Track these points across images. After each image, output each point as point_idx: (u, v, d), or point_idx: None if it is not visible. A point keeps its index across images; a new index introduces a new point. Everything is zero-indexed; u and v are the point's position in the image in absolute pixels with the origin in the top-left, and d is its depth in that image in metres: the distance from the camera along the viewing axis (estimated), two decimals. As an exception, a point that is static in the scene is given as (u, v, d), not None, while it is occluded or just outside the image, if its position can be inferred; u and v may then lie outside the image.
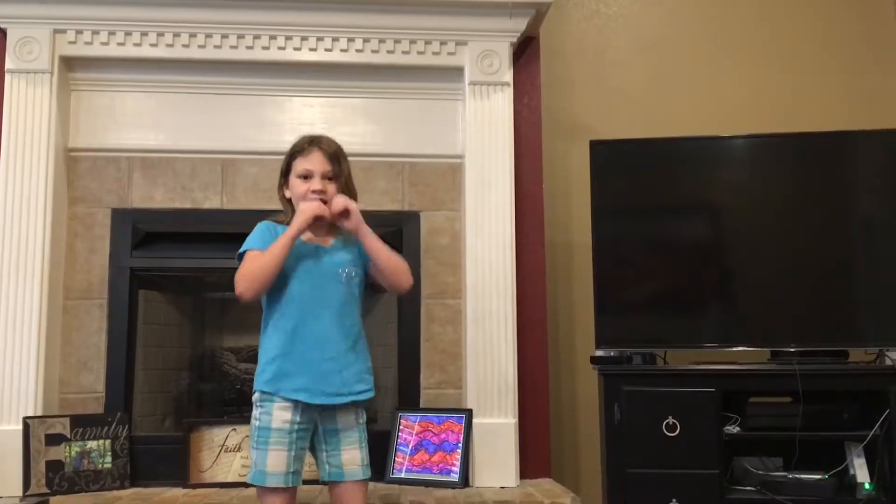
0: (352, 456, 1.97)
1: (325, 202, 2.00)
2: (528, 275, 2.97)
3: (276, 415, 1.92)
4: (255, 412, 1.96)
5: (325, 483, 2.01)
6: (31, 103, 2.81)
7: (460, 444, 2.76)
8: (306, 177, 2.02)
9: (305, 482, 2.05)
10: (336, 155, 2.05)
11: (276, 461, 1.90)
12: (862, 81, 3.55)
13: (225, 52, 2.91)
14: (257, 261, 1.93)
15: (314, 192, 2.00)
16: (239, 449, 2.78)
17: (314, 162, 2.03)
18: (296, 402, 1.92)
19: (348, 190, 2.06)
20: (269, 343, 1.98)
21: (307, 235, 2.01)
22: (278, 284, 1.96)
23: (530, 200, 3.02)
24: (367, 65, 2.97)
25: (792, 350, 2.84)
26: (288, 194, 2.07)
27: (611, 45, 3.55)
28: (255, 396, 1.97)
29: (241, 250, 1.98)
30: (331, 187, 2.03)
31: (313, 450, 2.01)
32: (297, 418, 1.93)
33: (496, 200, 2.92)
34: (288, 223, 1.99)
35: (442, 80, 3.03)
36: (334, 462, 1.97)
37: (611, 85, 3.50)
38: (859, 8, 3.60)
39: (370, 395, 2.02)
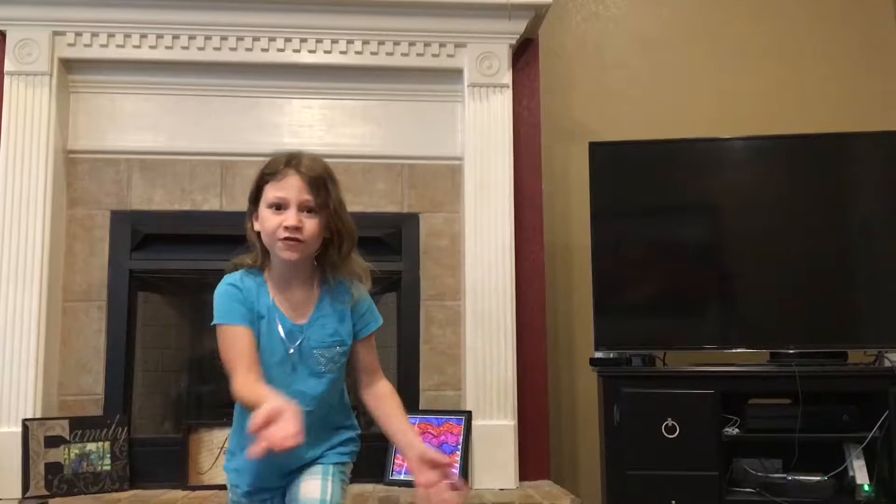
0: (310, 487, 1.60)
1: (299, 241, 1.55)
2: (527, 276, 2.97)
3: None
4: (228, 483, 1.71)
5: None
6: (31, 105, 2.81)
7: (459, 446, 2.76)
8: (279, 206, 1.56)
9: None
10: (320, 179, 1.57)
11: None
12: (861, 83, 3.55)
13: (224, 54, 2.91)
14: (244, 380, 1.47)
15: (287, 228, 1.54)
16: (238, 451, 2.78)
17: (289, 188, 1.56)
18: None
19: (339, 222, 1.60)
20: (236, 424, 1.68)
21: (279, 294, 1.61)
22: None
23: (529, 202, 3.02)
24: (366, 67, 2.97)
25: (791, 351, 2.84)
26: (258, 227, 1.61)
27: (610, 46, 3.55)
28: None
29: (213, 322, 1.58)
30: (310, 222, 1.56)
31: None
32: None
33: (495, 202, 2.92)
34: (257, 266, 1.62)
35: (441, 82, 3.03)
36: (292, 494, 1.62)
37: (610, 87, 3.50)
38: (858, 10, 3.60)
39: (346, 458, 1.71)
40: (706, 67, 3.53)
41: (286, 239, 1.55)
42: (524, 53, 3.09)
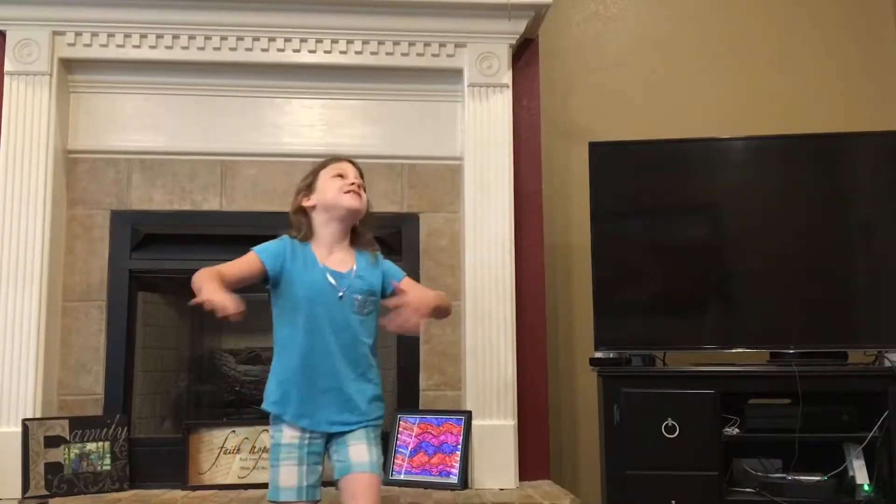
0: (358, 450, 1.95)
1: (359, 191, 2.05)
2: (527, 276, 2.97)
3: (286, 431, 1.95)
4: (270, 430, 1.99)
5: (335, 483, 2.00)
6: (31, 105, 2.81)
7: (459, 446, 2.76)
8: (341, 175, 2.04)
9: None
10: (359, 167, 2.13)
11: (287, 476, 1.92)
12: (861, 83, 3.55)
13: (224, 54, 2.91)
14: (225, 268, 1.90)
15: (352, 183, 2.03)
16: (238, 451, 2.78)
17: (345, 168, 2.07)
18: None
19: (367, 201, 2.12)
20: (279, 364, 1.99)
21: (324, 257, 2.02)
22: (291, 306, 1.97)
23: (529, 202, 3.02)
24: (366, 67, 2.97)
25: (791, 351, 2.84)
26: (308, 203, 2.04)
27: (610, 46, 3.55)
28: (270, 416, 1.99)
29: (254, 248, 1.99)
30: (361, 189, 2.07)
31: (328, 456, 2.01)
32: (308, 434, 1.95)
33: (495, 202, 2.92)
34: (302, 238, 2.02)
35: (441, 82, 3.03)
36: (341, 457, 1.96)
37: (610, 86, 3.50)
38: (858, 10, 3.61)
39: (377, 423, 2.02)
40: (706, 67, 3.53)
41: (350, 190, 2.03)
42: (524, 53, 3.10)
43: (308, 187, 2.07)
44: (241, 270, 1.94)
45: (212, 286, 1.79)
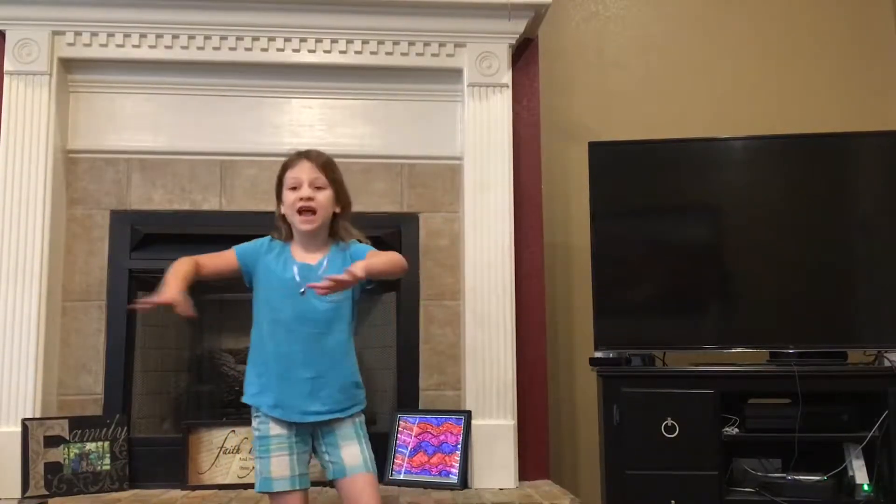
0: (351, 451, 1.99)
1: (313, 211, 2.02)
2: (526, 276, 2.97)
3: (273, 423, 1.98)
4: (254, 422, 2.02)
5: (332, 483, 2.04)
6: (30, 105, 2.81)
7: (459, 446, 2.76)
8: (295, 187, 2.04)
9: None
10: (326, 164, 2.07)
11: (279, 466, 1.95)
12: (860, 83, 3.55)
13: (224, 54, 2.91)
14: (184, 259, 2.06)
15: (301, 199, 2.01)
16: (238, 451, 2.78)
17: (302, 171, 2.05)
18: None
19: (341, 198, 2.09)
20: (256, 357, 2.03)
21: (299, 254, 2.05)
22: (264, 301, 2.02)
23: (529, 202, 3.02)
24: (365, 66, 2.97)
25: (791, 351, 2.84)
26: (283, 210, 2.08)
27: (610, 46, 3.55)
28: (252, 408, 2.03)
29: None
30: (321, 195, 2.04)
31: (315, 452, 2.04)
32: (294, 424, 1.98)
33: (495, 202, 2.92)
34: (283, 240, 2.08)
35: (441, 82, 3.03)
36: (335, 459, 2.00)
37: (609, 86, 3.50)
38: (858, 10, 3.61)
39: (356, 409, 2.04)
40: (706, 67, 3.53)
41: (302, 210, 2.01)
42: (524, 53, 3.10)
43: (278, 196, 2.10)
44: (218, 265, 2.07)
45: (173, 284, 1.95)
